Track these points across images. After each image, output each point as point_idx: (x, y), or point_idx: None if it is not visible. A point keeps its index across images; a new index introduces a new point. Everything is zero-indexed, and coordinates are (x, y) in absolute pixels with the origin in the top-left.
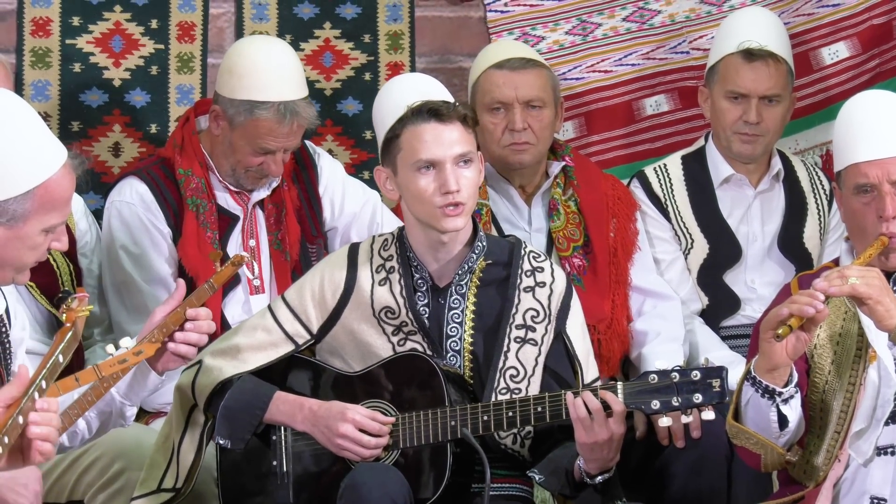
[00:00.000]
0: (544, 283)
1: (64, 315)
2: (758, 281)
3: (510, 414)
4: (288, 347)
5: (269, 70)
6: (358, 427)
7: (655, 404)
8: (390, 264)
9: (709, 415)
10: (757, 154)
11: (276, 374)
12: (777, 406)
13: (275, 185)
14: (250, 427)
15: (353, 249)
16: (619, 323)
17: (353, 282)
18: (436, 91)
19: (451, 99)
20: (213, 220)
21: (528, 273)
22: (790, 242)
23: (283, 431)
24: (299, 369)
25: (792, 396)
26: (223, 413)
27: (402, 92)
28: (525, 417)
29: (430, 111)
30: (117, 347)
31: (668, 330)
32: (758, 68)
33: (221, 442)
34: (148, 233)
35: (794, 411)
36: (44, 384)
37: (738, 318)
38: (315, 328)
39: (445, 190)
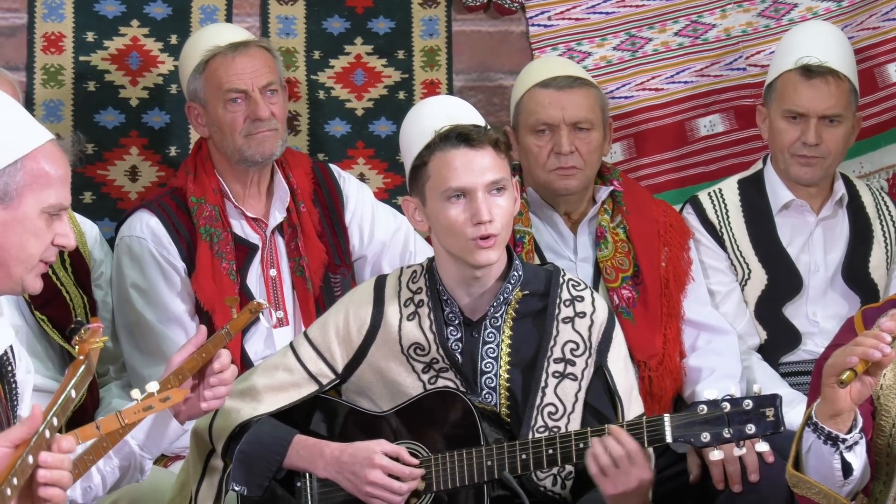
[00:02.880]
0: (584, 314)
1: (76, 347)
2: (820, 314)
3: (550, 451)
4: (311, 388)
5: (202, 36)
6: (387, 472)
7: (706, 437)
8: (419, 298)
9: (763, 446)
10: (816, 178)
11: (300, 415)
12: (841, 453)
13: (287, 200)
14: (268, 473)
15: (380, 282)
16: (671, 359)
17: (379, 317)
18: (466, 114)
19: (482, 122)
20: (228, 250)
21: (567, 303)
22: (855, 272)
23: (307, 477)
24: (324, 409)
25: (856, 443)
26: (239, 458)
27: (429, 116)
28: (566, 455)
29: (459, 136)
30: (143, 392)
31: (723, 366)
32: (817, 86)
33: (237, 488)
34: (160, 269)
35: (858, 458)
36: (55, 421)
37: (799, 353)
38: (340, 367)
39: (477, 220)
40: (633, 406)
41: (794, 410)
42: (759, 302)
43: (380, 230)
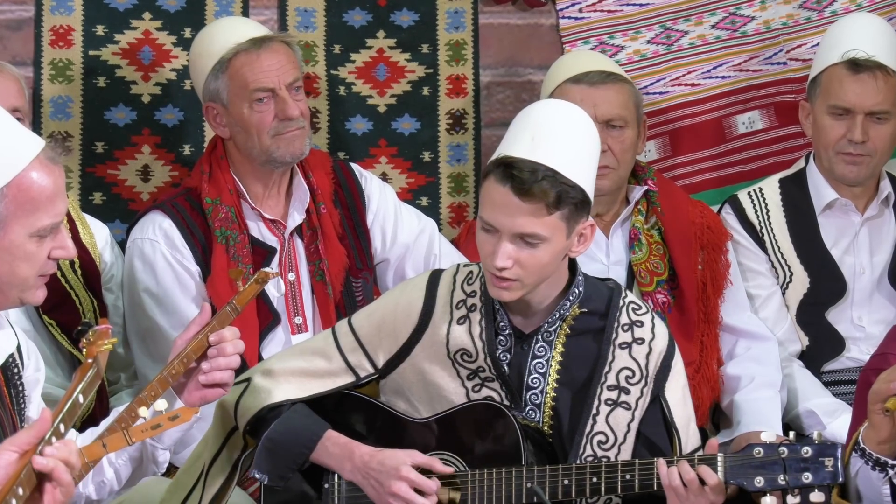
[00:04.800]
0: (643, 340)
1: (84, 350)
2: (865, 318)
3: (594, 480)
4: (347, 379)
5: (215, 33)
6: (413, 486)
7: (759, 481)
8: (472, 302)
9: (818, 496)
10: (862, 177)
11: (330, 407)
12: (890, 479)
13: (306, 201)
14: (294, 465)
15: (434, 278)
16: (708, 367)
17: (429, 316)
18: (560, 141)
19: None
20: (245, 253)
21: (626, 327)
22: None
23: (336, 479)
24: (357, 407)
25: None
26: (266, 445)
27: (518, 129)
28: (611, 486)
29: (509, 175)
30: (150, 410)
31: (763, 374)
32: (864, 81)
33: (258, 475)
34: (174, 273)
35: None
36: (62, 427)
37: (843, 360)
38: (381, 362)
39: (492, 261)
40: (690, 439)
41: (836, 421)
42: (801, 306)
43: (403, 232)
